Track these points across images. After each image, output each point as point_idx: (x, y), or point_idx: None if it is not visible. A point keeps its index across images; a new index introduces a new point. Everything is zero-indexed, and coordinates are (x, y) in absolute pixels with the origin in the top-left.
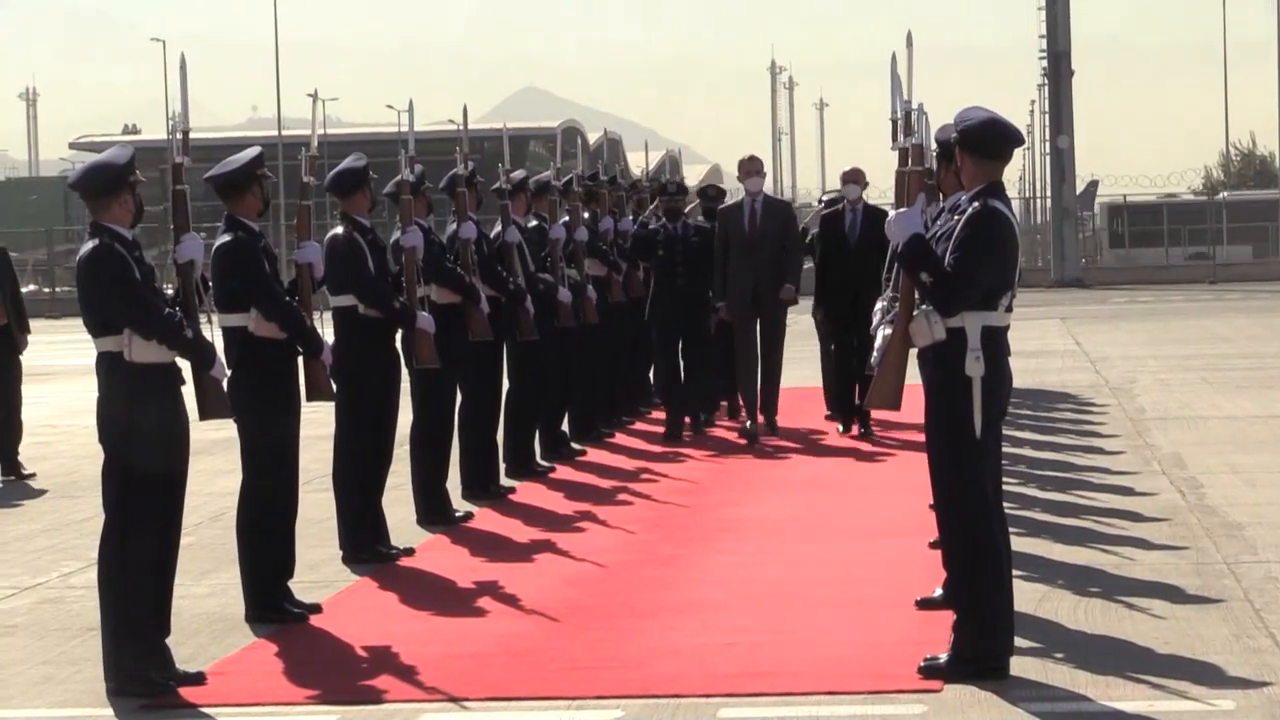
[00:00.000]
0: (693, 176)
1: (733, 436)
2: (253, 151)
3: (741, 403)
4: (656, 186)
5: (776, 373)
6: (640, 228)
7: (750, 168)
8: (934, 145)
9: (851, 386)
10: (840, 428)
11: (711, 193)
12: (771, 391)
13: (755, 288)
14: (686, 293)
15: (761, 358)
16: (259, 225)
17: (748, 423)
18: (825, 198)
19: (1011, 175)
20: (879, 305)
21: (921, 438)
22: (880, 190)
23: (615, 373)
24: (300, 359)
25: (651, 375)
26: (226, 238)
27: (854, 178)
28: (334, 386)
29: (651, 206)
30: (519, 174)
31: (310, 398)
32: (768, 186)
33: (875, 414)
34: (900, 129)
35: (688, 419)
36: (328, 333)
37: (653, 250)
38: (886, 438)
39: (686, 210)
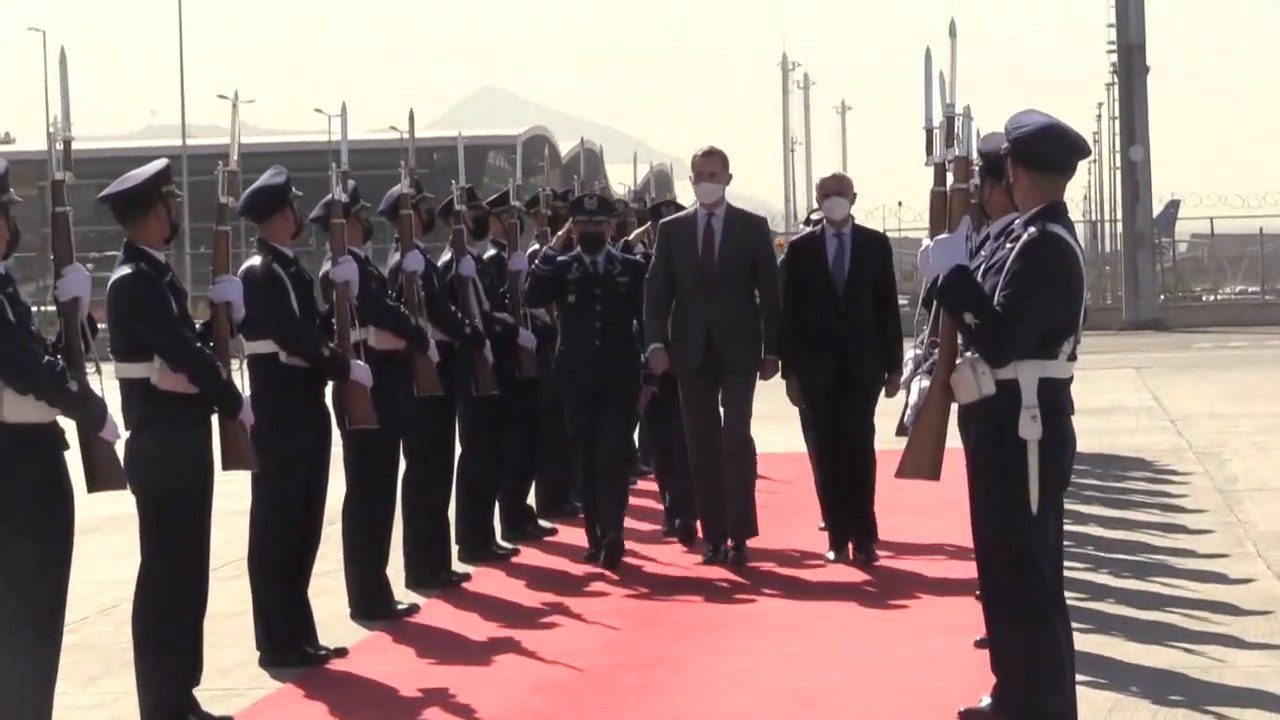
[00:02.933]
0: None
1: (682, 565)
2: (157, 165)
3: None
4: (573, 202)
5: (747, 472)
6: (544, 262)
7: (705, 167)
8: (978, 158)
9: (843, 495)
10: (830, 552)
11: (667, 211)
12: (744, 502)
13: (709, 344)
14: (607, 357)
15: (729, 445)
16: (164, 255)
17: (711, 550)
18: (814, 216)
19: (1075, 194)
20: (912, 353)
21: (946, 566)
22: (915, 213)
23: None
24: (215, 418)
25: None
26: (126, 270)
27: (838, 188)
28: (254, 453)
29: (562, 231)
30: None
31: (227, 466)
32: (774, 207)
33: (891, 510)
34: (939, 139)
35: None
36: (247, 384)
37: (558, 294)
38: (897, 569)
39: (632, 236)
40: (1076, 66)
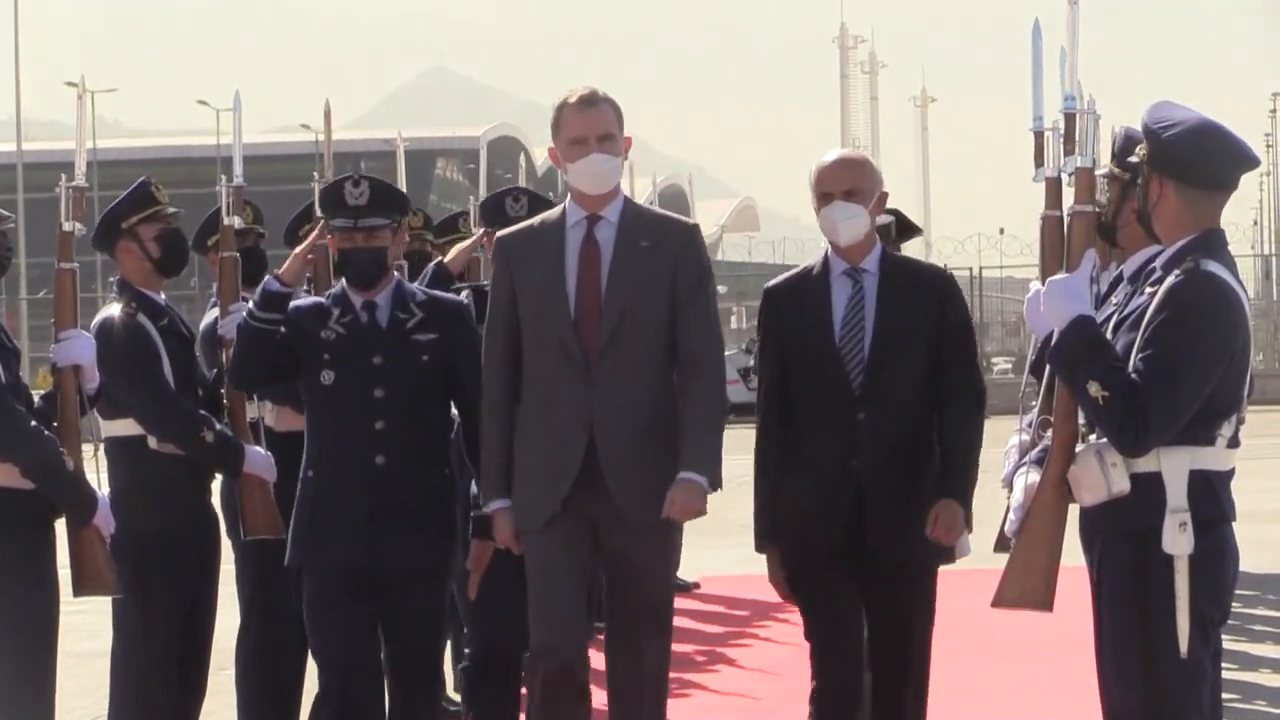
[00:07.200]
0: (707, 217)
1: None
2: None
3: None
4: (323, 191)
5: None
6: (264, 303)
7: (590, 125)
8: (1109, 167)
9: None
10: None
11: (516, 211)
12: None
13: (589, 467)
14: (394, 494)
15: (614, 684)
16: None
17: None
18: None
19: (1237, 217)
20: (1015, 439)
21: None
22: (1023, 244)
23: None
24: (62, 524)
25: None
26: None
27: (847, 184)
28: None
29: (308, 243)
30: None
31: (80, 590)
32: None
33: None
34: (1052, 143)
35: None
36: (104, 479)
37: (296, 367)
38: None
39: (452, 254)
40: (1240, 41)
